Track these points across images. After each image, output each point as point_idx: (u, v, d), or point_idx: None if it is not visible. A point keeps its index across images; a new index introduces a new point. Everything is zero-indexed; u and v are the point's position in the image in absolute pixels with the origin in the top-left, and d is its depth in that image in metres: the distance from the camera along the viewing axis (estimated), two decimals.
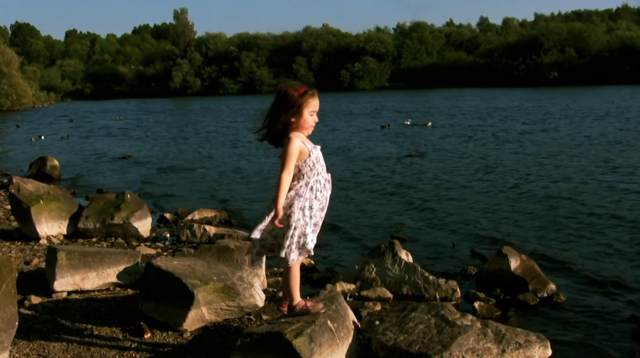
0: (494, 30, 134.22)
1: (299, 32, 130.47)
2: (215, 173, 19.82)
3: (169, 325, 5.88)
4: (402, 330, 5.10)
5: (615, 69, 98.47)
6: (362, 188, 16.03)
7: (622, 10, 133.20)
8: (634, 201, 13.09)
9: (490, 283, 7.77)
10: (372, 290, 7.36)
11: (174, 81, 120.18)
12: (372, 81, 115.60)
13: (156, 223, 12.04)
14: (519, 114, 40.16)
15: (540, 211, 12.58)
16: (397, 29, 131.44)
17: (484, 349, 4.80)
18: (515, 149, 22.65)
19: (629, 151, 20.87)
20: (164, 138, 34.04)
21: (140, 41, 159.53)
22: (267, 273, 7.84)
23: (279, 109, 5.07)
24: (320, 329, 4.84)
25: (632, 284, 7.98)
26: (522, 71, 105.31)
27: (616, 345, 6.14)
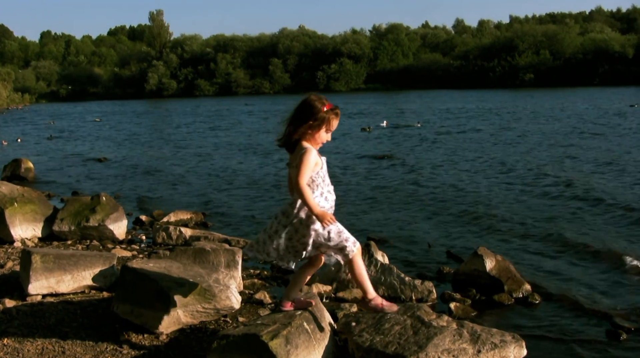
0: (469, 32, 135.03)
1: (275, 33, 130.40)
2: (192, 175, 19.76)
3: (145, 327, 5.85)
4: (378, 331, 5.11)
5: (589, 71, 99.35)
6: (338, 189, 16.01)
7: (596, 13, 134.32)
8: (606, 203, 13.20)
9: (466, 283, 7.81)
10: (349, 292, 7.37)
11: (150, 83, 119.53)
12: (348, 82, 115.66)
13: (132, 225, 11.99)
14: (491, 116, 40.46)
15: (514, 212, 12.66)
16: (373, 31, 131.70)
17: (459, 350, 4.82)
18: (491, 151, 22.79)
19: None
20: (140, 140, 33.88)
21: (116, 43, 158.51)
22: (243, 275, 7.84)
23: (301, 119, 5.10)
24: (296, 331, 4.85)
25: (606, 284, 8.06)
26: (498, 72, 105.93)
27: (591, 344, 6.19)
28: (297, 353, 4.73)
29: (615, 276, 8.38)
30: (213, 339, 5.03)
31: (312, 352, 4.90)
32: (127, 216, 11.45)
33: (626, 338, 6.27)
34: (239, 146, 28.31)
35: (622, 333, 6.35)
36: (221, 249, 7.48)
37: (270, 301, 7.07)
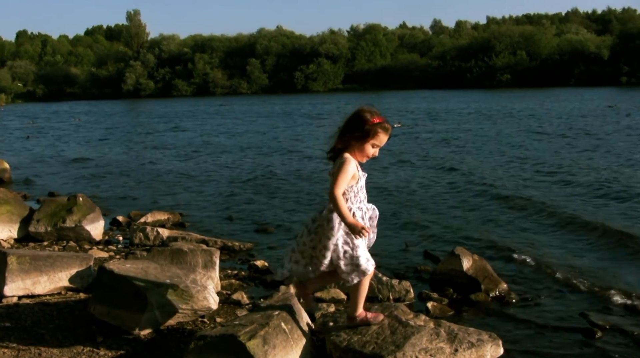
0: (446, 33, 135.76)
1: (253, 34, 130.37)
2: (169, 175, 19.68)
3: (122, 328, 5.84)
4: (356, 331, 5.13)
5: (565, 71, 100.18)
6: (317, 191, 16.04)
7: (572, 14, 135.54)
8: (586, 201, 13.30)
9: (443, 283, 7.83)
10: (326, 292, 7.38)
11: (127, 83, 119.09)
12: (326, 82, 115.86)
13: (109, 225, 11.92)
14: (467, 116, 40.68)
15: (491, 211, 12.73)
16: (350, 31, 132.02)
17: (437, 349, 4.85)
18: (465, 150, 22.90)
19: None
20: (117, 140, 33.70)
21: (93, 42, 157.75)
22: (220, 276, 7.83)
23: (347, 129, 5.09)
24: (274, 331, 4.85)
25: (583, 282, 8.10)
26: (475, 73, 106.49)
27: (567, 343, 6.23)
28: (274, 354, 4.73)
29: (588, 277, 8.43)
30: (190, 340, 5.02)
31: (289, 352, 4.91)
32: (104, 217, 11.38)
33: (601, 336, 6.32)
34: (216, 146, 28.24)
35: (597, 331, 6.40)
36: (198, 249, 7.46)
37: (247, 301, 7.06)
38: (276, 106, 64.63)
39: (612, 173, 16.55)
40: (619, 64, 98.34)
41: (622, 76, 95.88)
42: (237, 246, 10.14)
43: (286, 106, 62.96)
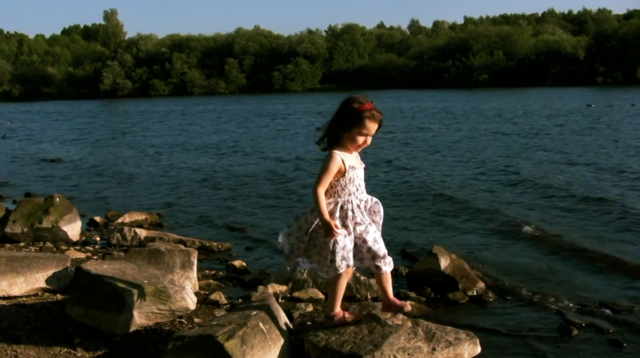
0: (424, 33, 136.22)
1: (230, 33, 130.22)
2: (146, 175, 19.61)
3: (100, 330, 5.81)
4: (334, 330, 5.14)
5: (542, 71, 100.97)
6: (294, 190, 16.05)
7: (548, 15, 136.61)
8: (559, 198, 13.39)
9: (421, 282, 7.85)
10: (304, 292, 7.38)
11: (104, 83, 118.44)
12: (304, 82, 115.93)
13: (86, 226, 11.86)
14: (445, 116, 40.91)
15: (466, 211, 12.78)
16: (328, 31, 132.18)
17: (414, 348, 4.87)
18: (442, 151, 23.00)
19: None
20: (94, 140, 33.52)
21: (70, 42, 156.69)
22: (198, 276, 7.81)
23: (336, 118, 5.04)
24: (252, 331, 4.85)
25: (559, 280, 8.17)
26: (453, 73, 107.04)
27: (543, 341, 6.27)
28: (252, 354, 4.73)
29: (567, 273, 8.50)
30: (168, 340, 5.01)
31: (267, 352, 4.91)
32: (81, 218, 11.31)
33: (577, 334, 6.37)
34: (193, 146, 28.17)
35: (573, 329, 6.45)
36: (176, 250, 7.44)
37: (225, 301, 7.05)
38: (253, 106, 64.57)
39: (580, 175, 16.71)
40: (595, 64, 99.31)
41: (597, 76, 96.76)
42: (215, 246, 10.12)
43: (263, 106, 62.95)
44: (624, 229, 10.86)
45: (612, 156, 19.64)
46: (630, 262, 8.94)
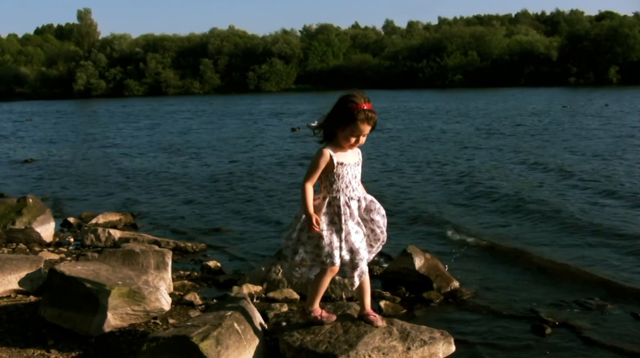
0: (399, 33, 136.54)
1: (205, 33, 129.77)
2: (120, 176, 19.52)
3: (74, 331, 5.78)
4: (309, 330, 5.15)
5: (515, 72, 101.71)
6: (269, 190, 16.05)
7: (521, 16, 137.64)
8: (538, 198, 13.51)
9: (396, 282, 7.88)
10: (279, 292, 7.38)
11: (78, 83, 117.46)
12: (279, 82, 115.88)
13: (59, 227, 11.79)
14: (414, 115, 41.13)
15: (441, 210, 12.85)
16: (303, 31, 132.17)
17: (389, 347, 4.89)
18: (413, 150, 23.10)
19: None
20: (68, 140, 33.30)
21: (43, 42, 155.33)
22: (173, 277, 7.79)
23: (331, 115, 4.99)
24: (226, 332, 4.85)
25: (532, 280, 8.23)
26: (427, 73, 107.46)
27: (517, 339, 6.32)
28: (227, 354, 4.73)
29: (539, 272, 8.57)
30: (143, 341, 4.99)
31: (242, 352, 4.91)
32: (55, 218, 11.25)
33: (551, 333, 6.42)
34: (167, 146, 28.07)
35: (547, 327, 6.50)
36: (150, 250, 7.43)
37: (200, 302, 7.03)
38: (227, 107, 64.44)
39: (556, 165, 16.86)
40: (567, 64, 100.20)
41: (570, 76, 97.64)
42: (189, 247, 10.10)
43: (237, 107, 62.92)
44: (587, 233, 10.93)
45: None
46: (603, 260, 9.06)
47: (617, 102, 48.73)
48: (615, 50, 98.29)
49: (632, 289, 7.81)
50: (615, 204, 12.79)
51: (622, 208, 12.42)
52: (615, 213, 11.99)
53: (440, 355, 5.05)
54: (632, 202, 12.91)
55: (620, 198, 13.36)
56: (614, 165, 17.71)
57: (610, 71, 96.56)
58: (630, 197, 13.37)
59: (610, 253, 9.44)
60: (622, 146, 22.18)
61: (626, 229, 10.75)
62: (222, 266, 9.00)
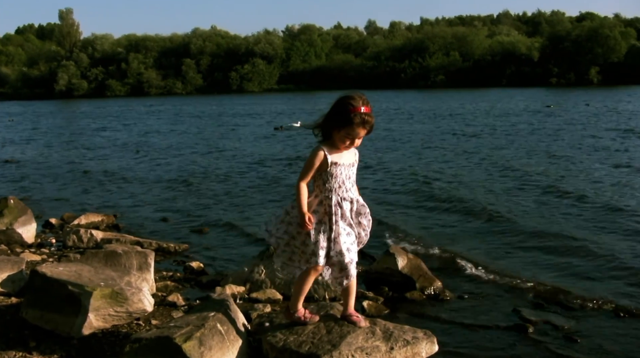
0: (381, 34, 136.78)
1: (187, 33, 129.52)
2: (102, 176, 19.43)
3: (56, 333, 5.74)
4: (292, 331, 5.14)
5: (497, 72, 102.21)
6: (252, 190, 16.03)
7: (503, 16, 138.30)
8: (515, 197, 13.57)
9: (379, 282, 7.89)
10: (262, 292, 7.37)
11: (60, 83, 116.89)
12: (261, 83, 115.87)
13: (41, 228, 11.73)
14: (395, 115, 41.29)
15: (423, 209, 12.90)
16: (285, 31, 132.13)
17: (372, 347, 4.89)
18: (399, 147, 23.16)
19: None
20: (50, 141, 33.11)
21: (24, 41, 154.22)
22: (155, 278, 7.77)
23: (329, 115, 4.94)
24: (209, 332, 4.84)
25: (514, 278, 8.27)
26: (409, 73, 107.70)
27: (500, 338, 6.35)
28: (210, 355, 4.72)
29: (520, 273, 8.60)
30: (125, 343, 4.97)
31: (226, 353, 4.90)
32: (37, 219, 11.19)
33: (533, 331, 6.46)
34: (148, 147, 28.01)
35: (529, 326, 6.54)
36: (133, 251, 7.40)
37: (183, 303, 7.01)
38: (210, 107, 64.33)
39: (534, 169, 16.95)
40: (549, 65, 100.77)
41: (551, 76, 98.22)
42: (172, 247, 10.08)
43: (220, 107, 62.86)
44: (564, 237, 11.01)
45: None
46: (584, 259, 9.13)
47: (601, 103, 49.15)
48: (595, 51, 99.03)
49: (611, 289, 7.87)
50: (583, 210, 12.89)
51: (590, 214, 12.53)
52: (583, 218, 12.12)
53: (423, 354, 5.06)
54: (599, 209, 13.01)
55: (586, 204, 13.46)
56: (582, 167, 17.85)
57: (591, 72, 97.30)
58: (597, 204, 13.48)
59: (592, 256, 9.51)
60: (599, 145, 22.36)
61: (600, 234, 10.87)
62: (205, 267, 8.98)
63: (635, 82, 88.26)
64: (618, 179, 15.66)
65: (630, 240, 10.22)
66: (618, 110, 41.08)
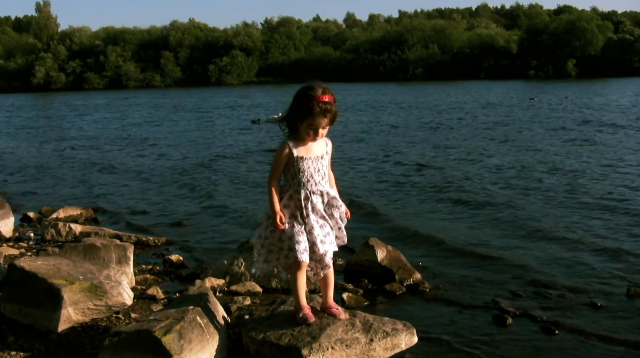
0: (360, 26, 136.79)
1: (165, 26, 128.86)
2: (81, 170, 19.34)
3: (35, 327, 5.72)
4: (272, 323, 5.15)
5: (475, 65, 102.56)
6: (230, 183, 16.01)
7: (481, 9, 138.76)
8: (495, 185, 13.64)
9: (358, 274, 7.90)
10: (242, 285, 7.36)
11: (37, 76, 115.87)
12: (240, 75, 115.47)
13: (19, 222, 11.65)
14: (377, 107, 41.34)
15: (400, 204, 12.93)
16: (265, 24, 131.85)
17: (352, 339, 4.91)
18: (376, 142, 23.21)
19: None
20: (27, 134, 32.89)
21: (0, 34, 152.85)
22: (135, 271, 7.75)
23: (291, 108, 4.90)
24: (189, 325, 4.83)
25: (493, 271, 8.32)
26: (389, 66, 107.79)
27: (479, 330, 6.38)
28: (190, 348, 4.72)
29: (499, 265, 8.65)
30: (105, 336, 4.95)
31: (205, 346, 4.90)
32: (14, 213, 11.11)
33: (512, 323, 6.50)
34: (126, 140, 27.90)
35: (508, 317, 6.58)
36: (112, 245, 7.37)
37: (163, 296, 7.00)
38: (188, 99, 64.13)
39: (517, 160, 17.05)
40: (527, 58, 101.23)
41: (529, 69, 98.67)
42: (151, 240, 10.05)
43: (199, 100, 62.71)
44: (543, 228, 11.09)
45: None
46: (563, 249, 9.19)
47: (578, 95, 49.50)
48: (573, 44, 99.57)
49: (590, 279, 7.93)
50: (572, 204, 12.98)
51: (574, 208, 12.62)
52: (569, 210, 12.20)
53: (402, 346, 5.09)
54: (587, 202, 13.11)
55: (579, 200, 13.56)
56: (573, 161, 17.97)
57: (569, 64, 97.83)
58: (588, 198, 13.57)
59: (569, 245, 9.57)
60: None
61: (580, 223, 10.95)
62: (184, 260, 8.97)
63: (611, 75, 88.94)
64: (602, 171, 15.75)
65: (612, 230, 10.31)
66: (606, 103, 41.46)
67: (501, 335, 6.27)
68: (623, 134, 23.72)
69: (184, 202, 13.84)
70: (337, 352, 4.80)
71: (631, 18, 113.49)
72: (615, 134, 23.83)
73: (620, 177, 14.90)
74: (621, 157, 17.95)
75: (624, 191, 13.29)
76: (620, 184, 14.08)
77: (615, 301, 7.15)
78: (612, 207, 11.89)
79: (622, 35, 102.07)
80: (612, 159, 17.63)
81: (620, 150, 19.36)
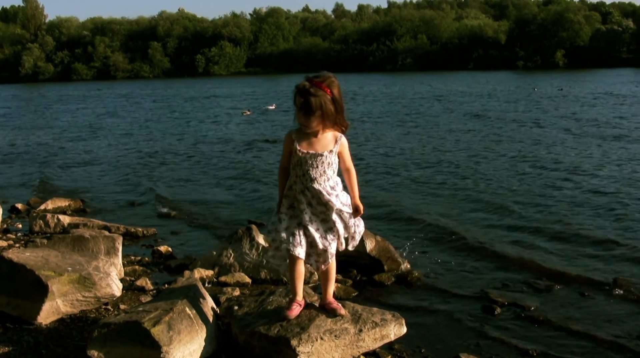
0: (349, 17, 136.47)
1: (154, 16, 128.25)
2: (69, 161, 19.27)
3: (23, 319, 5.70)
4: (261, 314, 5.15)
5: (464, 55, 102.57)
6: (218, 173, 16.00)
7: (470, 0, 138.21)
8: (489, 180, 13.68)
9: (347, 264, 7.89)
10: (231, 276, 7.37)
11: (25, 67, 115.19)
12: (229, 66, 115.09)
13: (7, 213, 11.61)
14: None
15: (388, 194, 12.95)
16: (253, 14, 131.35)
17: (341, 330, 4.90)
18: (371, 132, 23.23)
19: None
20: (14, 125, 32.69)
21: None
22: (123, 262, 7.73)
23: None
24: (178, 316, 4.83)
25: (482, 261, 8.36)
26: (378, 57, 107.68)
27: (468, 320, 6.41)
28: (179, 339, 4.72)
29: (488, 255, 8.68)
30: (94, 328, 4.94)
31: (195, 337, 4.89)
32: (2, 205, 11.08)
33: (500, 313, 6.54)
34: (115, 131, 27.83)
35: (496, 307, 6.62)
36: (101, 236, 7.35)
37: (151, 287, 6.99)
38: (177, 90, 63.93)
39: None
40: (516, 48, 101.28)
41: (518, 60, 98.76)
42: (140, 232, 10.04)
43: (187, 90, 62.54)
44: (534, 219, 11.13)
45: None
46: (551, 238, 9.24)
47: (565, 84, 49.61)
48: (561, 34, 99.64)
49: (578, 270, 7.98)
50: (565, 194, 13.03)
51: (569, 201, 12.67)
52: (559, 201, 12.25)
53: (391, 336, 5.10)
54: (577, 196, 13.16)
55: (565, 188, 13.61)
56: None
57: (557, 55, 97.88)
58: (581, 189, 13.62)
59: (557, 236, 9.62)
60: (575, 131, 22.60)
61: (570, 212, 11.00)
62: (173, 251, 8.96)
63: (599, 66, 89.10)
64: (598, 160, 15.83)
65: (600, 219, 10.39)
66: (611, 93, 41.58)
67: (489, 324, 6.30)
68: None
69: (173, 193, 13.82)
70: (326, 343, 4.80)
71: (619, 9, 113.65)
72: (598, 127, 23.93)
73: (615, 169, 14.97)
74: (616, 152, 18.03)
75: (617, 185, 13.36)
76: (615, 177, 14.15)
77: (602, 291, 7.20)
78: (603, 200, 11.95)
79: (611, 26, 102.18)
80: (614, 154, 17.72)
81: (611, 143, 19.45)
